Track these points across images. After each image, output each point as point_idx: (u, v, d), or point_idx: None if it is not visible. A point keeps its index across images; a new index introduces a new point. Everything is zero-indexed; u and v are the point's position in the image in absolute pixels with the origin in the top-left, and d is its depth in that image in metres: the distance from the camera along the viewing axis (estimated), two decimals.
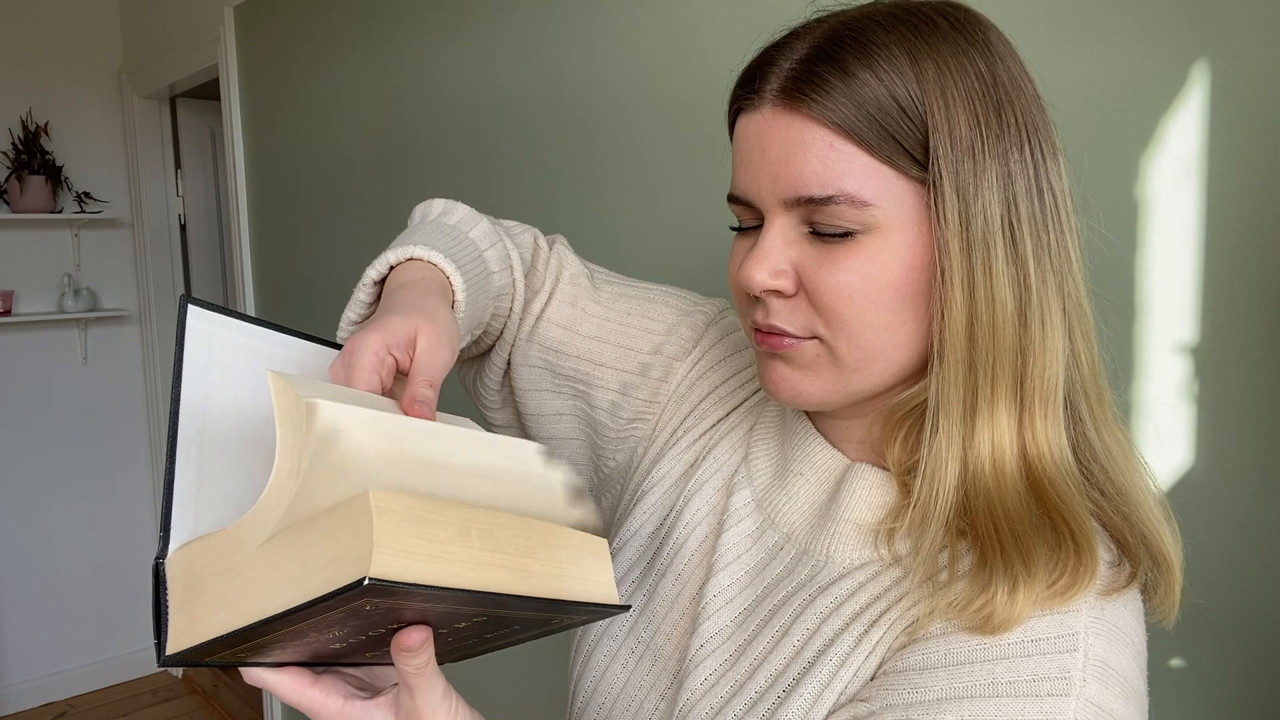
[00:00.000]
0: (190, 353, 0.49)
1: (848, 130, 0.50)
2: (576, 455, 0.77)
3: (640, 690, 0.64)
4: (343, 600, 0.38)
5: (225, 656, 0.44)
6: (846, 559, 0.58)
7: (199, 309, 0.51)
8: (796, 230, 0.54)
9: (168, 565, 0.46)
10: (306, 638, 0.44)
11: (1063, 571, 0.50)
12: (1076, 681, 0.48)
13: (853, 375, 0.55)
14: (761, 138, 0.54)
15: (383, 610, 0.41)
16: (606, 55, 1.46)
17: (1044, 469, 0.52)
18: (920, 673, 0.50)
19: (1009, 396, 0.52)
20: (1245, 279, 0.84)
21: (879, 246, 0.52)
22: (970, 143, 0.51)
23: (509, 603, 0.43)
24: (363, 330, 0.52)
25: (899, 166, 0.51)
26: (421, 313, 0.54)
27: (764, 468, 0.65)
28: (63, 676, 3.29)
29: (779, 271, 0.54)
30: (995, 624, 0.49)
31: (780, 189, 0.53)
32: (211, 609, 0.43)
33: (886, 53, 0.51)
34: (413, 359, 0.52)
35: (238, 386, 0.51)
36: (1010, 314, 0.51)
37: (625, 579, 0.69)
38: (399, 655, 0.45)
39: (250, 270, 2.69)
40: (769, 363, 0.57)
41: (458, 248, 0.65)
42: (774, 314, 0.55)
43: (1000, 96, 0.52)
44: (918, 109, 0.50)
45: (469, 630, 0.47)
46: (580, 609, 0.47)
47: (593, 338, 0.73)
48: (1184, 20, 0.85)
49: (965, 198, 0.51)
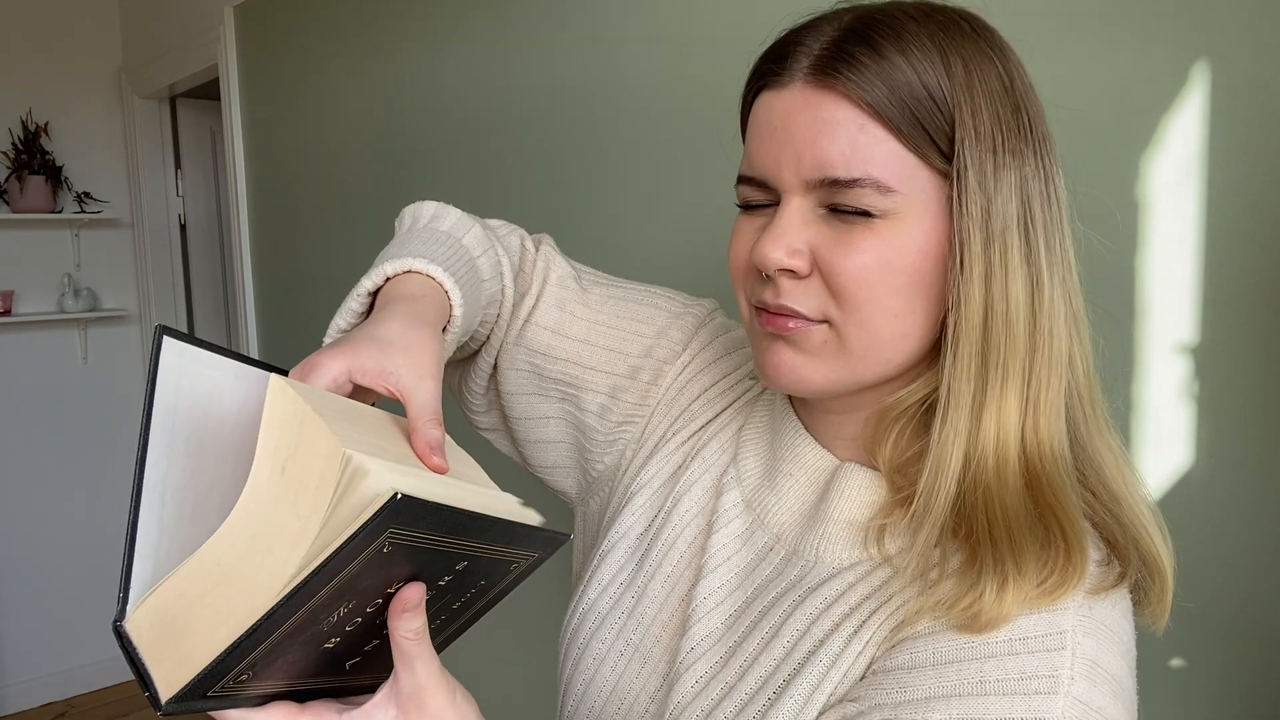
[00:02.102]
0: (161, 389, 0.48)
1: (880, 112, 0.51)
2: (564, 458, 0.77)
3: (630, 692, 0.64)
4: (373, 533, 0.39)
5: (227, 685, 0.44)
6: (836, 559, 0.58)
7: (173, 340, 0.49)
8: (814, 211, 0.54)
9: (128, 625, 0.45)
10: (312, 628, 0.44)
11: (1052, 570, 0.50)
12: (1064, 680, 0.48)
13: (858, 363, 0.55)
14: (787, 115, 0.53)
15: (393, 554, 0.42)
16: (605, 57, 1.46)
17: (1043, 465, 0.52)
18: (909, 671, 0.51)
19: (1017, 392, 0.53)
20: (1245, 279, 0.84)
21: (896, 231, 0.52)
22: (993, 140, 0.51)
23: (491, 529, 0.46)
24: (329, 353, 0.51)
25: (924, 155, 0.51)
26: (406, 346, 0.53)
27: (753, 468, 0.65)
28: (63, 676, 3.29)
29: (795, 251, 0.53)
30: (983, 622, 0.49)
31: (805, 169, 0.53)
32: (208, 632, 0.43)
33: (919, 42, 0.51)
34: (404, 394, 0.51)
35: (204, 426, 0.50)
36: (1024, 311, 0.52)
37: (614, 580, 0.68)
38: (399, 619, 0.45)
39: (250, 270, 2.69)
40: (771, 345, 0.57)
41: (453, 258, 0.64)
42: (785, 294, 0.55)
43: (1018, 101, 0.53)
44: (946, 100, 0.51)
45: (449, 589, 0.48)
46: (537, 536, 0.49)
47: (581, 341, 0.73)
48: (1184, 20, 0.85)
49: (987, 192, 0.51)
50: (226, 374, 0.52)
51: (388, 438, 0.48)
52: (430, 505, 0.41)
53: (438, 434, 0.50)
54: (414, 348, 0.53)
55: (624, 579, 0.68)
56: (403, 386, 0.51)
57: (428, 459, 0.48)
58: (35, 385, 3.19)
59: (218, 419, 0.50)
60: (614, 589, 0.68)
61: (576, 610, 0.70)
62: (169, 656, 0.44)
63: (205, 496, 0.49)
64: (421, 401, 0.51)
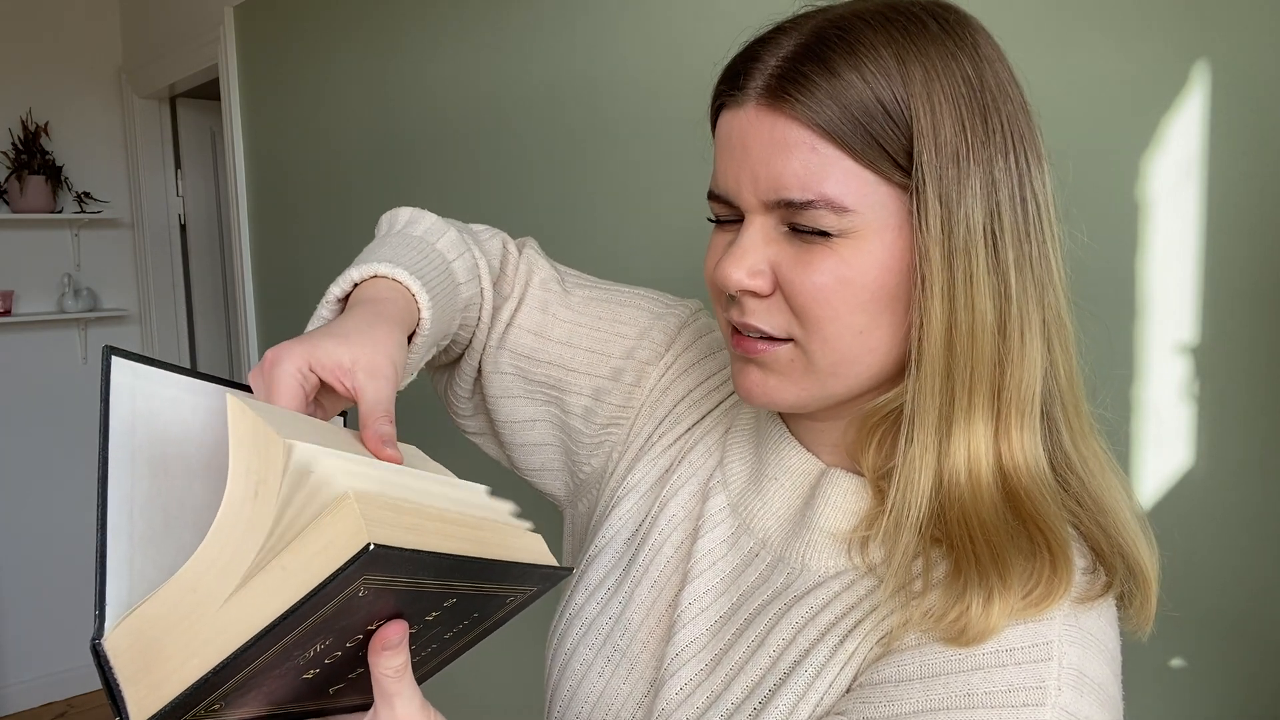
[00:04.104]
0: (115, 409, 0.48)
1: (831, 133, 0.50)
2: (551, 461, 0.76)
3: (617, 698, 0.63)
4: (345, 580, 0.38)
5: (199, 715, 0.43)
6: (822, 567, 0.58)
7: (123, 360, 0.49)
8: (775, 229, 0.53)
9: (106, 643, 0.44)
10: (286, 664, 0.43)
11: (1038, 582, 0.49)
12: (1052, 690, 0.47)
13: (827, 380, 0.54)
14: (744, 136, 0.53)
15: (371, 597, 0.41)
16: (602, 58, 1.46)
17: (1019, 480, 0.52)
18: (896, 685, 0.50)
19: (986, 406, 0.52)
20: (1245, 279, 0.84)
21: (856, 249, 0.51)
22: (955, 149, 0.50)
23: (482, 571, 0.44)
24: (286, 346, 0.51)
25: (881, 171, 0.50)
26: (362, 341, 0.53)
27: (739, 472, 0.65)
28: (63, 676, 3.29)
29: (756, 271, 0.53)
30: (971, 635, 0.49)
31: (761, 189, 0.52)
32: (179, 661, 0.42)
33: (874, 53, 0.50)
34: (357, 391, 0.51)
35: (163, 444, 0.49)
36: (990, 324, 0.51)
37: (601, 585, 0.68)
38: (379, 657, 0.44)
39: (250, 270, 2.69)
40: (743, 366, 0.57)
41: (424, 261, 0.63)
42: (749, 313, 0.54)
43: (987, 102, 0.51)
44: (903, 113, 0.49)
45: (437, 623, 0.47)
46: (534, 573, 0.48)
47: (564, 343, 0.72)
48: (1184, 20, 0.85)
49: (948, 205, 0.50)
50: (181, 391, 0.52)
51: (345, 445, 0.47)
52: (407, 553, 0.40)
53: (388, 429, 0.50)
54: (371, 341, 0.53)
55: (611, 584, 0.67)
56: (357, 384, 0.51)
57: (379, 452, 0.48)
58: (35, 385, 3.19)
59: (179, 436, 0.50)
60: (601, 594, 0.67)
61: (564, 615, 0.69)
62: (142, 680, 0.43)
63: (177, 514, 0.49)
64: (373, 399, 0.51)
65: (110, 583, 0.45)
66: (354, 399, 0.52)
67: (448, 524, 0.45)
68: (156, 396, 0.51)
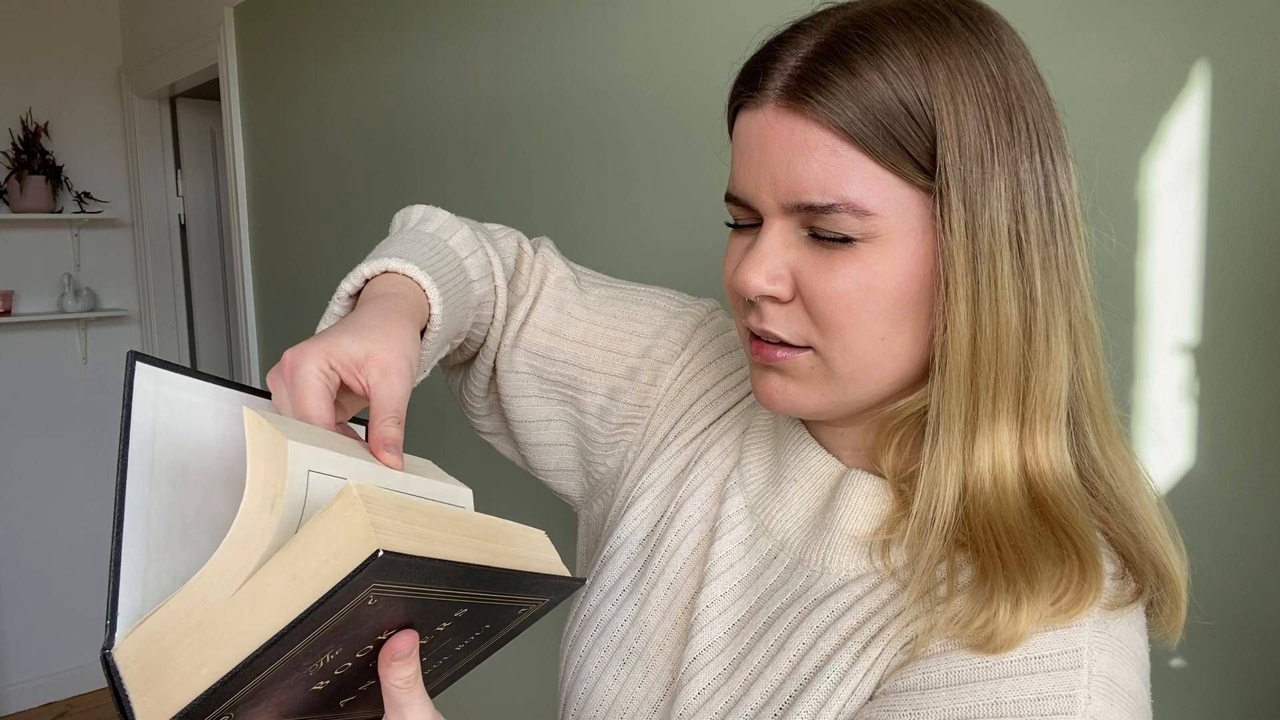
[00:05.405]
0: (137, 415, 0.48)
1: (852, 135, 0.48)
2: (566, 461, 0.76)
3: (632, 703, 0.62)
4: (354, 588, 0.38)
5: None
6: (843, 570, 0.56)
7: (146, 366, 0.49)
8: (795, 234, 0.52)
9: (116, 654, 0.44)
10: (296, 674, 0.43)
11: (1067, 588, 0.48)
12: (1081, 699, 0.46)
13: (848, 386, 0.53)
14: (763, 138, 0.51)
15: (381, 606, 0.41)
16: (602, 61, 1.46)
17: (1045, 485, 0.51)
18: (922, 693, 0.49)
19: (1010, 411, 0.51)
20: (1245, 279, 0.84)
21: (879, 254, 0.50)
22: (979, 150, 0.48)
23: (494, 581, 0.44)
24: (305, 343, 0.50)
25: (904, 174, 0.49)
26: (377, 336, 0.52)
27: (757, 473, 0.64)
28: (63, 676, 3.29)
29: (775, 276, 0.52)
30: (998, 643, 0.48)
31: (780, 193, 0.51)
32: (188, 671, 0.42)
33: (896, 53, 0.48)
34: (370, 389, 0.51)
35: (184, 451, 0.49)
36: (1015, 328, 0.50)
37: (616, 587, 0.67)
38: (389, 667, 0.44)
39: (250, 270, 2.69)
40: (762, 372, 0.56)
41: (436, 258, 0.63)
42: (768, 319, 0.54)
43: (1011, 101, 0.49)
44: (926, 114, 0.48)
45: (449, 634, 0.47)
46: (546, 584, 0.47)
47: (579, 342, 0.72)
48: (1184, 20, 0.85)
49: (972, 208, 0.49)
50: (205, 398, 0.51)
51: (359, 457, 0.47)
52: (417, 560, 0.39)
53: (394, 432, 0.49)
54: (386, 336, 0.53)
55: (626, 585, 0.66)
56: (370, 382, 0.51)
57: (379, 454, 0.48)
58: (35, 385, 3.19)
59: (198, 443, 0.50)
60: (616, 595, 0.66)
61: (578, 617, 0.69)
62: (151, 691, 0.43)
63: (194, 521, 0.48)
64: (384, 398, 0.51)
65: (124, 591, 0.45)
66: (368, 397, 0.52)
67: (458, 534, 0.45)
68: (179, 403, 0.50)
